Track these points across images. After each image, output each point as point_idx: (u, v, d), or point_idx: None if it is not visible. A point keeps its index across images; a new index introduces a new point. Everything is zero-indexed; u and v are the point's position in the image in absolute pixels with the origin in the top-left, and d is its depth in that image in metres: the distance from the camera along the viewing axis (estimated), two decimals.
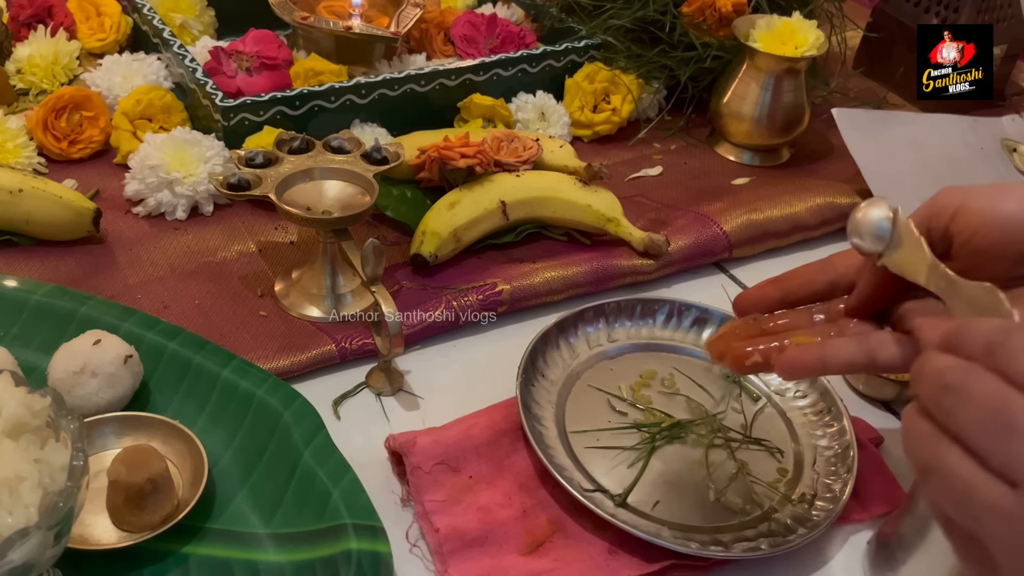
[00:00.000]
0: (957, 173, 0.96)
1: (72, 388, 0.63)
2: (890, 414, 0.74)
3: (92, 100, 0.91)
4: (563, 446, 0.66)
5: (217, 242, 0.83)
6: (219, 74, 0.92)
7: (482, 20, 1.05)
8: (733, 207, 0.89)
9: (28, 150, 0.88)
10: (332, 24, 0.99)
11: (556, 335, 0.73)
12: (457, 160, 0.82)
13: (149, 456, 0.58)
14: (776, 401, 0.72)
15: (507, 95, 0.98)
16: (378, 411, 0.70)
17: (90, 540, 0.57)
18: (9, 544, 0.44)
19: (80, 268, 0.79)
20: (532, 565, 0.59)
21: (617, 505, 0.63)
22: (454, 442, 0.65)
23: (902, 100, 1.13)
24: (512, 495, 0.63)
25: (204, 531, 0.59)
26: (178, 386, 0.67)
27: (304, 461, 0.61)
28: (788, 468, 0.67)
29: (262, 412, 0.64)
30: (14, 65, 0.98)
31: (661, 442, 0.68)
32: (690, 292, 0.83)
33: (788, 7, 1.03)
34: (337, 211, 0.74)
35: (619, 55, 1.02)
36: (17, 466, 0.46)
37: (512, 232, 0.85)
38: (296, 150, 0.78)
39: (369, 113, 0.93)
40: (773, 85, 0.96)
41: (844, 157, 0.94)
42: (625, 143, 1.02)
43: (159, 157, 0.83)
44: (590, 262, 0.82)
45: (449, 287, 0.79)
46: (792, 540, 0.60)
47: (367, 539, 0.56)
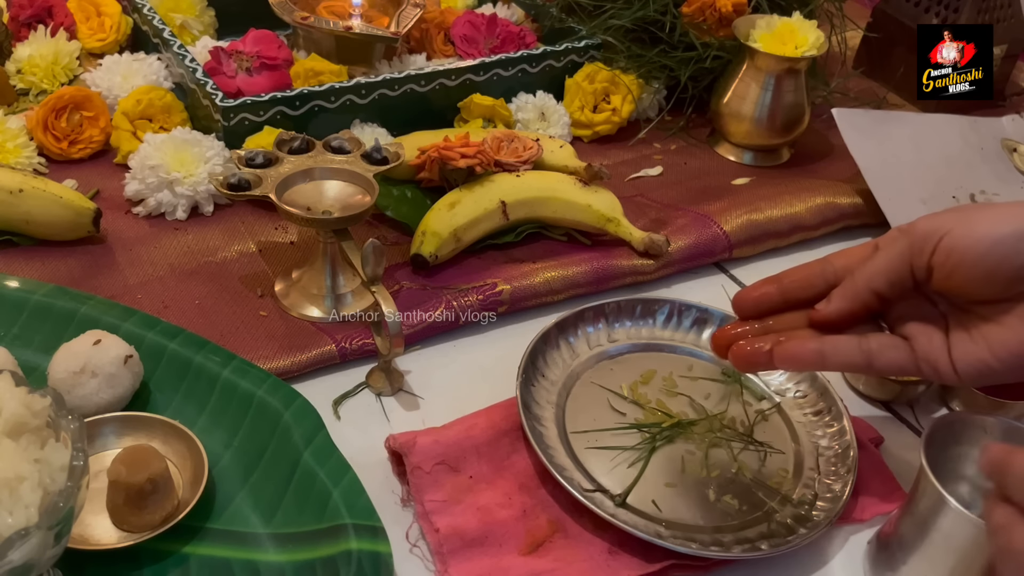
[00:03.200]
0: (957, 173, 0.95)
1: (72, 388, 0.63)
2: (890, 414, 0.74)
3: (92, 100, 0.91)
4: (563, 446, 0.66)
5: (217, 242, 0.83)
6: (219, 74, 0.92)
7: (482, 20, 1.05)
8: (733, 207, 0.89)
9: (28, 150, 0.88)
10: (332, 24, 0.99)
11: (556, 335, 0.73)
12: (457, 160, 0.82)
13: (149, 456, 0.58)
14: (776, 401, 0.72)
15: (507, 95, 0.98)
16: (378, 411, 0.70)
17: (90, 540, 0.57)
18: (9, 544, 0.44)
19: (80, 268, 0.79)
20: (532, 565, 0.59)
21: (617, 505, 0.63)
22: (454, 442, 0.65)
23: (902, 100, 1.13)
24: (512, 495, 0.63)
25: (204, 531, 0.59)
26: (178, 386, 0.67)
27: (304, 461, 0.61)
28: (788, 468, 0.67)
29: (262, 412, 0.64)
30: (14, 65, 0.98)
31: (661, 442, 0.68)
32: (690, 292, 0.83)
33: (788, 7, 1.03)
34: (337, 211, 0.74)
35: (619, 55, 1.02)
36: (17, 466, 0.46)
37: (512, 232, 0.85)
38: (296, 150, 0.78)
39: (369, 113, 0.93)
40: (773, 85, 0.96)
41: (844, 157, 0.94)
42: (625, 143, 1.02)
43: (159, 157, 0.83)
44: (590, 262, 0.82)
45: (449, 287, 0.79)
46: (792, 540, 0.60)
47: (367, 539, 0.56)
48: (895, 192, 0.90)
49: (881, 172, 0.91)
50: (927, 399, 0.74)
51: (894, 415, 0.74)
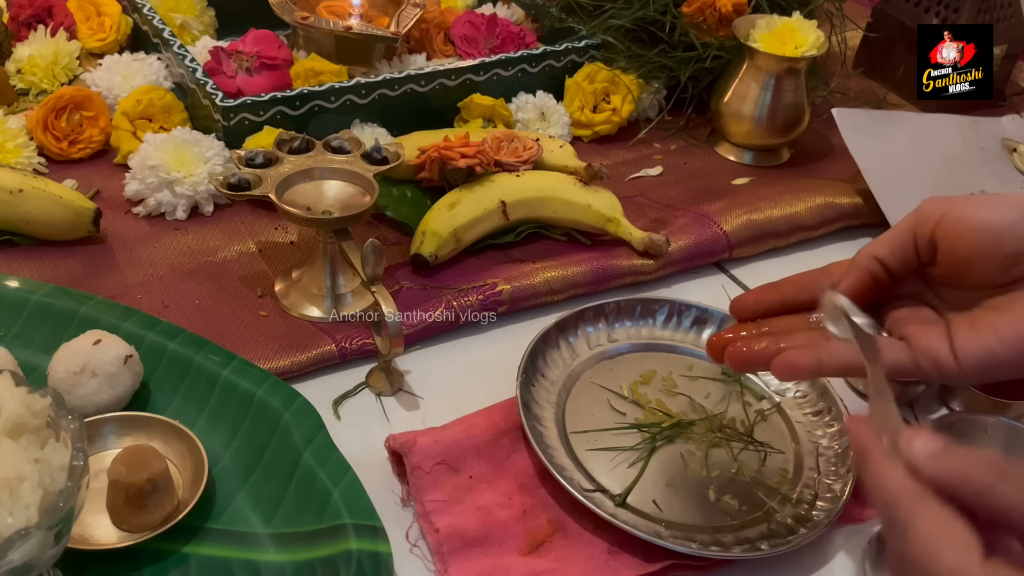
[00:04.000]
0: (957, 173, 0.95)
1: (72, 388, 0.63)
2: None
3: (92, 100, 0.91)
4: (563, 446, 0.66)
5: (217, 242, 0.83)
6: (219, 74, 0.92)
7: (482, 20, 1.05)
8: (733, 207, 0.89)
9: (28, 150, 0.88)
10: (332, 24, 0.99)
11: (556, 335, 0.73)
12: (457, 160, 0.82)
13: (149, 456, 0.58)
14: (776, 401, 0.72)
15: (507, 95, 0.98)
16: (378, 411, 0.70)
17: (90, 540, 0.57)
18: (9, 544, 0.44)
19: (80, 268, 0.79)
20: (532, 565, 0.59)
21: (617, 505, 0.63)
22: (454, 442, 0.65)
23: (902, 100, 1.13)
24: (512, 495, 0.63)
25: (204, 531, 0.59)
26: (178, 386, 0.67)
27: (304, 461, 0.61)
28: (788, 468, 0.67)
29: (262, 412, 0.64)
30: (14, 65, 0.98)
31: (661, 442, 0.68)
32: (690, 292, 0.83)
33: (788, 7, 1.03)
34: (337, 211, 0.74)
35: (619, 55, 1.02)
36: (17, 466, 0.46)
37: (512, 232, 0.85)
38: (296, 150, 0.78)
39: (369, 113, 0.93)
40: (773, 85, 0.96)
41: (844, 157, 0.94)
42: (625, 143, 1.02)
43: (159, 157, 0.83)
44: (590, 262, 0.82)
45: (449, 287, 0.79)
46: (792, 540, 0.60)
47: (367, 539, 0.56)
48: (895, 192, 0.90)
49: (881, 172, 0.91)
50: (927, 399, 0.74)
51: None
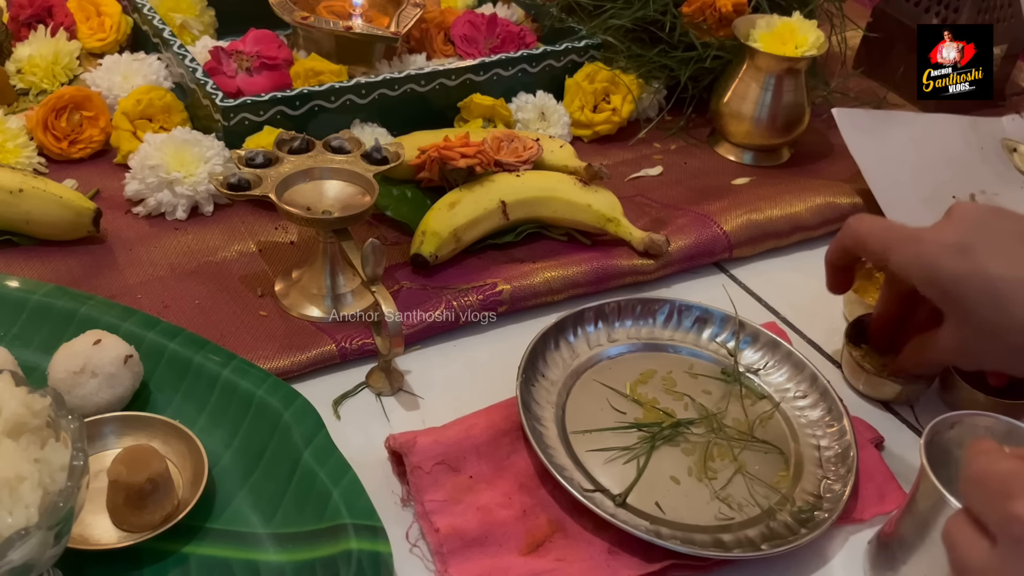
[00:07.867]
0: (957, 173, 0.95)
1: (72, 388, 0.63)
2: (890, 414, 0.74)
3: (92, 100, 0.91)
4: (563, 446, 0.66)
5: (217, 242, 0.83)
6: (219, 74, 0.92)
7: (482, 20, 1.05)
8: (733, 207, 0.89)
9: (28, 150, 0.88)
10: (332, 24, 0.99)
11: (556, 335, 0.73)
12: (457, 160, 0.82)
13: (149, 456, 0.58)
14: (776, 401, 0.72)
15: (507, 95, 0.98)
16: (378, 411, 0.70)
17: (90, 540, 0.57)
18: (9, 544, 0.44)
19: (80, 268, 0.79)
20: (532, 565, 0.59)
21: (617, 505, 0.63)
22: (454, 442, 0.65)
23: (902, 100, 1.13)
24: (512, 495, 0.63)
25: (204, 531, 0.59)
26: (178, 386, 0.67)
27: (304, 461, 0.61)
28: (788, 468, 0.67)
29: (262, 412, 0.64)
30: (14, 65, 0.98)
31: (661, 442, 0.68)
32: (690, 292, 0.83)
33: (788, 7, 1.03)
34: (337, 211, 0.74)
35: (619, 55, 1.02)
36: (17, 466, 0.46)
37: (512, 232, 0.85)
38: (296, 150, 0.78)
39: (369, 113, 0.93)
40: (773, 85, 0.96)
41: (844, 157, 0.94)
42: (625, 143, 1.02)
43: (159, 157, 0.83)
44: (590, 262, 0.82)
45: (449, 287, 0.79)
46: (792, 540, 0.60)
47: (367, 539, 0.56)
48: (895, 192, 0.90)
49: (881, 172, 0.91)
50: (927, 399, 0.74)
51: (894, 415, 0.74)
